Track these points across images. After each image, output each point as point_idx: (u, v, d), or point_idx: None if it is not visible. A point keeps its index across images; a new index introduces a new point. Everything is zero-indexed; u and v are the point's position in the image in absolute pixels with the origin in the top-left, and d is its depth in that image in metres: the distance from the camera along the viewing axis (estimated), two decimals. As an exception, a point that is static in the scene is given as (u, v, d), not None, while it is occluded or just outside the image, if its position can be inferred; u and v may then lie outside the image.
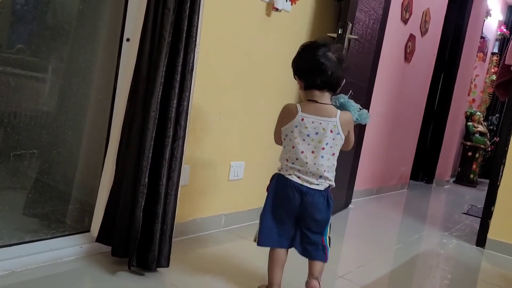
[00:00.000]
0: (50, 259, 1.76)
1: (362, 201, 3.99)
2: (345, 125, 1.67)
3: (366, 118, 1.79)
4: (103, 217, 1.82)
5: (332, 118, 1.64)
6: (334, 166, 1.71)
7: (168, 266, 1.83)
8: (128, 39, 1.91)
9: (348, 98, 1.77)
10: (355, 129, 1.78)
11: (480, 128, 6.37)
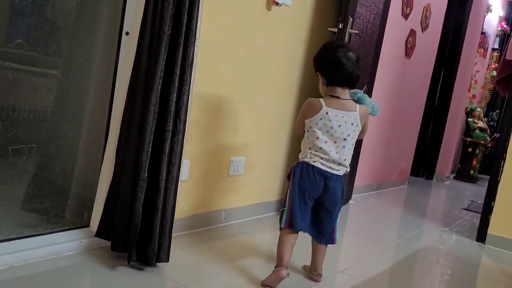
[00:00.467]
0: (49, 254, 1.75)
1: (362, 196, 3.98)
2: (363, 118, 1.89)
3: (377, 111, 2.00)
4: (103, 212, 1.81)
5: (353, 112, 1.86)
6: (351, 154, 1.92)
7: (168, 261, 1.82)
8: (127, 33, 1.90)
9: (364, 94, 1.96)
10: None
11: (480, 124, 6.36)
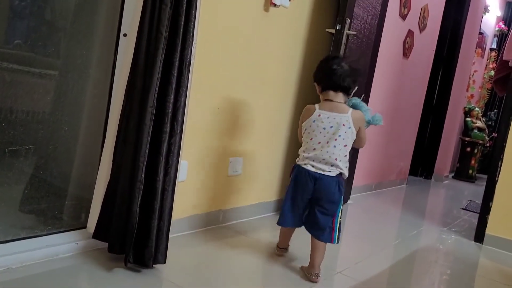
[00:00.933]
0: (46, 256, 1.75)
1: (360, 196, 3.99)
2: (356, 121, 1.96)
3: (379, 120, 2.08)
4: (100, 213, 1.81)
5: (344, 114, 1.95)
6: (346, 157, 1.98)
7: (165, 262, 1.82)
8: (125, 34, 1.89)
9: (361, 101, 2.05)
10: None
11: (479, 124, 6.37)
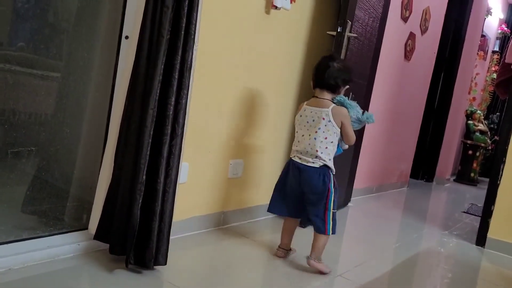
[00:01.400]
0: (47, 257, 1.76)
1: (361, 199, 3.98)
2: (337, 116, 2.05)
3: (370, 118, 2.12)
4: (101, 215, 1.82)
5: (325, 108, 2.06)
6: (327, 149, 2.06)
7: (166, 264, 1.82)
8: (127, 37, 1.91)
9: (350, 99, 2.13)
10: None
11: (481, 127, 6.36)
